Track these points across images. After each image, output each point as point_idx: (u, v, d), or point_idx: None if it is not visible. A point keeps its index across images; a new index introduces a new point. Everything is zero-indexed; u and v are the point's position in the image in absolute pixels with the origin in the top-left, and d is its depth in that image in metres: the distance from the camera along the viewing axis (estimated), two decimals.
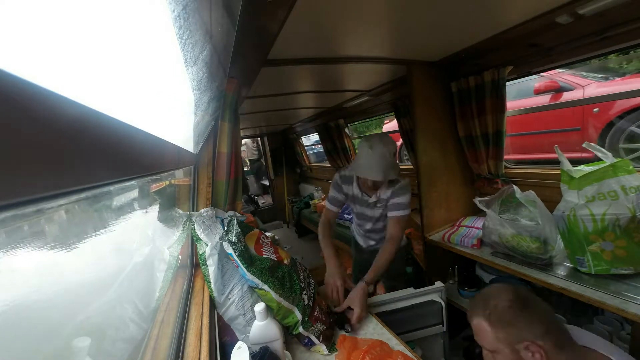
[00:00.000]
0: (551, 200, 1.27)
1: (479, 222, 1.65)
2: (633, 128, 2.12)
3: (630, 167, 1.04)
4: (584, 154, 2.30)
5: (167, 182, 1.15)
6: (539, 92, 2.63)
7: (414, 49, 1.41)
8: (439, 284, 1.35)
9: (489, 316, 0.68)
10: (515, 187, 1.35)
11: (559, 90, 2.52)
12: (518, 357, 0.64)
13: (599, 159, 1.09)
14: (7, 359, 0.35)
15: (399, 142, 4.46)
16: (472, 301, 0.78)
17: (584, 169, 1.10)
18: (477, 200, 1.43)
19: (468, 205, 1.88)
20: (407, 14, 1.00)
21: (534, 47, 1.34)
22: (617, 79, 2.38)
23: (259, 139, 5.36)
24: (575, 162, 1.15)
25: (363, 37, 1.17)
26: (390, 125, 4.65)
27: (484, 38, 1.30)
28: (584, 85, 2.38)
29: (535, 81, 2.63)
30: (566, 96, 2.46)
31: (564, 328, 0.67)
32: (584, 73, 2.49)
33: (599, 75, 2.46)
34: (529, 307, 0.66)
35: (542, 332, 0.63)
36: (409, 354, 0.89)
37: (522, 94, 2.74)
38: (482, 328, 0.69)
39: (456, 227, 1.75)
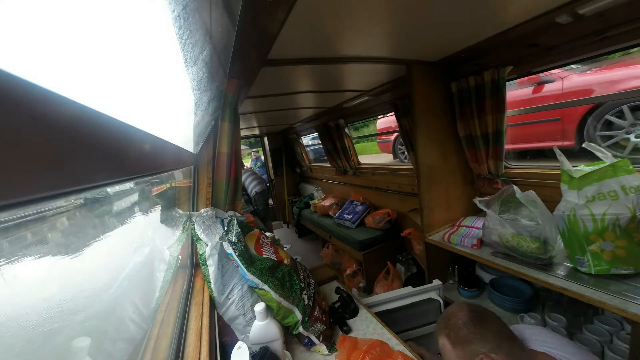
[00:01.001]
0: (551, 200, 1.27)
1: (479, 222, 1.65)
2: (608, 117, 2.21)
3: (630, 167, 1.04)
4: (565, 143, 2.42)
5: (168, 185, 1.15)
6: (522, 84, 2.71)
7: (414, 49, 1.41)
8: (436, 281, 1.36)
9: (449, 335, 0.75)
10: (515, 187, 1.35)
11: (540, 82, 2.60)
12: None
13: (579, 147, 1.10)
14: (8, 359, 0.35)
15: (394, 136, 4.47)
16: (437, 321, 0.85)
17: (584, 169, 1.10)
18: (477, 200, 1.43)
19: (468, 205, 1.88)
20: (407, 13, 1.00)
21: (534, 47, 1.34)
22: (595, 69, 2.44)
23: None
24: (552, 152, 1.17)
25: (363, 37, 1.17)
26: (383, 120, 4.65)
27: (484, 38, 1.30)
28: (563, 76, 2.47)
29: None
30: (547, 88, 2.55)
31: (514, 337, 0.74)
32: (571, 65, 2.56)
33: (576, 67, 2.51)
34: (483, 324, 0.73)
35: (494, 345, 0.70)
36: (409, 353, 0.89)
37: (506, 87, 2.84)
38: (445, 346, 0.76)
39: (456, 227, 1.75)
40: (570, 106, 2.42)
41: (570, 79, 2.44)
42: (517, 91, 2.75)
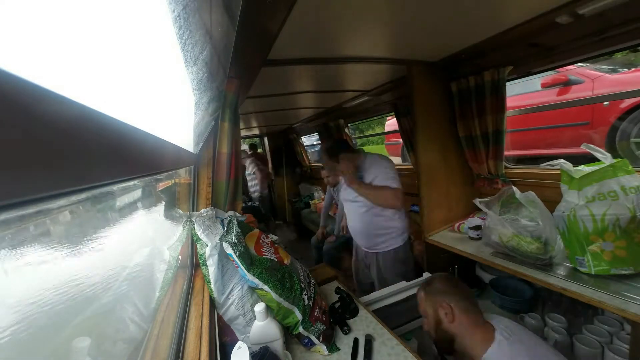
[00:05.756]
0: (551, 200, 1.27)
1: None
2: None
3: (630, 167, 1.04)
4: None
5: (172, 182, 1.15)
6: (546, 85, 2.52)
7: (414, 49, 1.41)
8: (427, 274, 1.42)
9: (425, 287, 1.02)
10: (514, 188, 1.35)
11: (567, 83, 2.41)
12: (437, 315, 0.94)
13: (614, 155, 1.08)
14: (7, 359, 0.35)
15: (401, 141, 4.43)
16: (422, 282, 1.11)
17: (584, 169, 1.10)
18: (477, 201, 1.43)
19: (468, 205, 1.88)
20: (407, 14, 1.00)
21: (534, 47, 1.34)
22: (626, 70, 2.26)
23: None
24: (584, 158, 1.13)
25: (363, 37, 1.17)
26: (392, 122, 4.64)
27: (484, 38, 1.30)
28: (594, 78, 2.27)
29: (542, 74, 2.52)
30: (575, 89, 2.35)
31: (475, 305, 0.94)
32: (593, 65, 2.39)
33: (606, 67, 2.35)
34: (452, 286, 0.98)
35: (454, 300, 0.92)
36: (408, 353, 0.89)
37: (528, 88, 2.64)
38: (420, 296, 1.02)
39: (457, 227, 1.75)
40: (570, 106, 2.37)
41: (601, 81, 2.22)
42: (541, 93, 2.55)
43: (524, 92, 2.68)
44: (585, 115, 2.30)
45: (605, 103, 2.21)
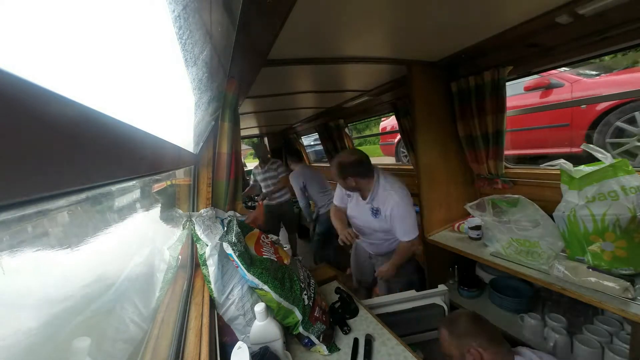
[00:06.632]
0: (551, 200, 1.27)
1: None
2: (619, 123, 2.16)
3: (630, 168, 1.04)
4: (573, 150, 2.37)
5: (168, 183, 1.15)
6: (529, 89, 2.64)
7: (414, 49, 1.41)
8: (442, 287, 1.32)
9: (449, 327, 0.92)
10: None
11: (548, 87, 2.54)
12: (463, 358, 0.86)
13: (588, 154, 1.10)
14: (8, 358, 0.35)
15: (397, 139, 4.45)
16: (443, 318, 1.01)
17: (584, 169, 1.10)
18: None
19: None
20: (407, 14, 1.00)
21: (534, 47, 1.34)
22: (605, 75, 2.40)
23: None
24: (564, 157, 1.17)
25: (363, 37, 1.17)
26: (386, 122, 4.68)
27: (484, 38, 1.30)
28: (572, 81, 2.42)
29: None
30: (556, 92, 2.49)
31: (503, 343, 0.87)
32: (580, 71, 2.51)
33: (589, 72, 2.48)
34: (479, 325, 0.89)
35: (484, 342, 0.84)
36: (409, 354, 0.89)
37: (512, 91, 2.76)
38: (444, 335, 0.92)
39: (457, 227, 1.75)
40: (570, 106, 2.41)
41: (579, 85, 2.37)
42: (523, 96, 2.66)
43: (508, 95, 2.77)
44: (565, 117, 2.46)
45: (582, 106, 2.34)
